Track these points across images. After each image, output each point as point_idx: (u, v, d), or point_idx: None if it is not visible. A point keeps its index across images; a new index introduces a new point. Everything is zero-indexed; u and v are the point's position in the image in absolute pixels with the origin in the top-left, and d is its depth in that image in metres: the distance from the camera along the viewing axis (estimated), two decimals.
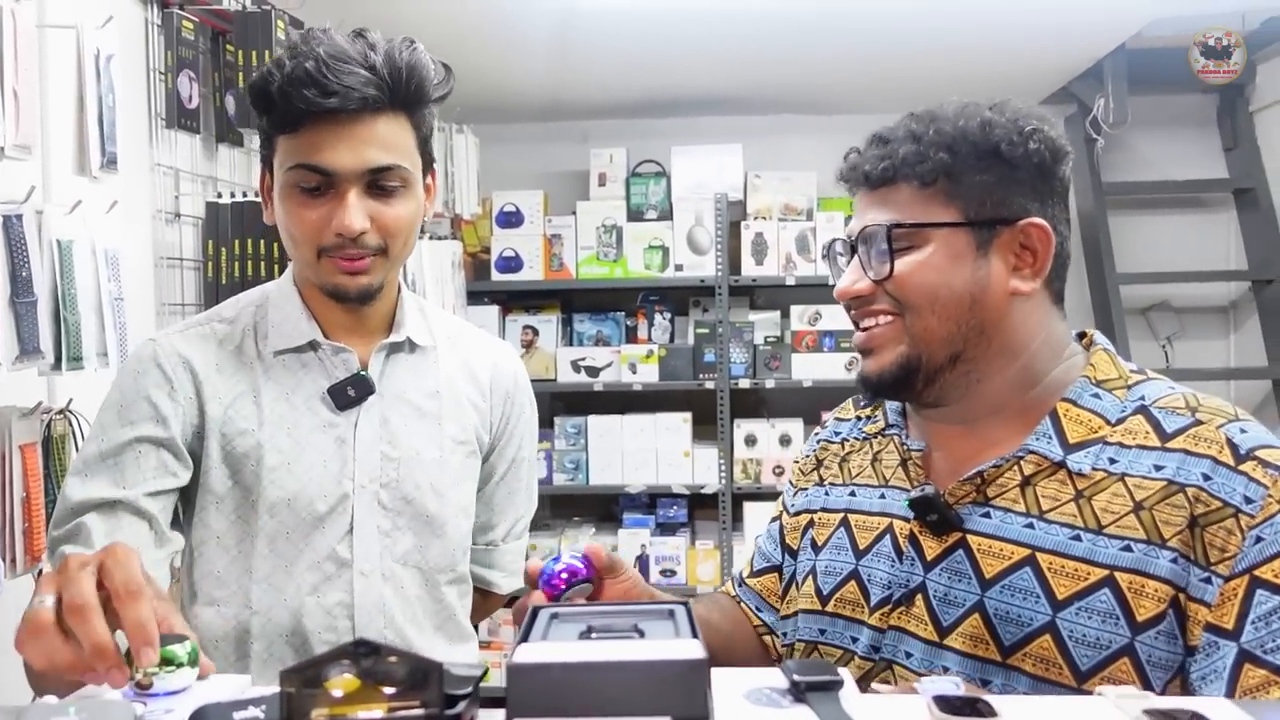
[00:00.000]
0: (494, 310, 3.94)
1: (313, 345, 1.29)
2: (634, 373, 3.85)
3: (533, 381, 4.49)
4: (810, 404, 3.91)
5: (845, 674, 0.83)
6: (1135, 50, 3.40)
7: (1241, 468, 0.97)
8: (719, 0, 2.84)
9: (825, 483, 1.26)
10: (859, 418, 1.28)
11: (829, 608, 1.16)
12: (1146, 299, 4.07)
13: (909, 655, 1.07)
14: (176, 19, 2.16)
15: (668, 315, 4.02)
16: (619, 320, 4.04)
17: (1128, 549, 0.98)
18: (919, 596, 1.08)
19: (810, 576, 1.20)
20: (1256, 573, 0.93)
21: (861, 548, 1.15)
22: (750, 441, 3.81)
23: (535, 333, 3.98)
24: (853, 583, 1.15)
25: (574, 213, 3.91)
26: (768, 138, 4.10)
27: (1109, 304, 3.81)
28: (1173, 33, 3.16)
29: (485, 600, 1.49)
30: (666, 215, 3.90)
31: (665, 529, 3.92)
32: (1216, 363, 4.10)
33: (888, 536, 1.13)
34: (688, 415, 3.86)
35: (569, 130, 4.21)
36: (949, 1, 2.89)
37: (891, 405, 1.22)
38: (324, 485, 1.27)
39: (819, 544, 1.20)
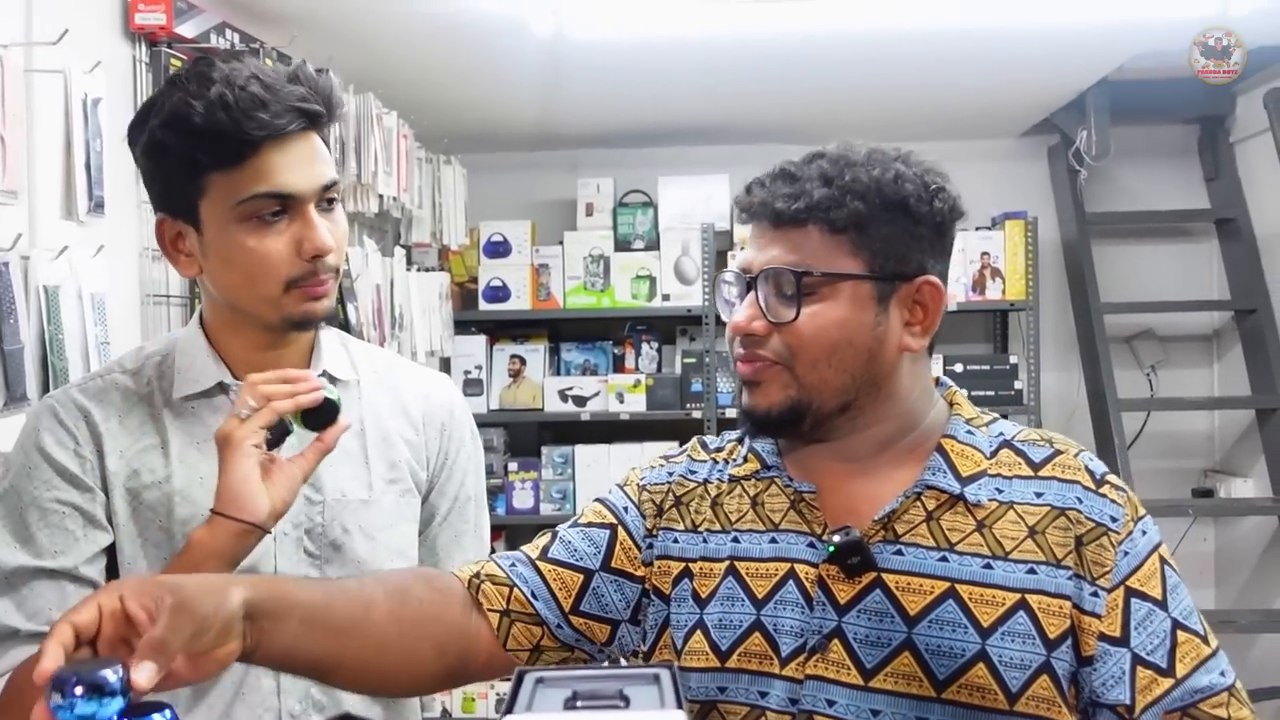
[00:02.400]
0: (481, 340, 3.95)
1: (221, 387, 1.24)
2: (621, 402, 3.85)
3: (520, 411, 4.44)
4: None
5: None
6: (1118, 82, 3.44)
7: (1101, 491, 1.07)
8: (704, 31, 2.86)
9: (700, 529, 1.16)
10: (715, 461, 1.21)
11: (730, 663, 1.09)
12: (1131, 328, 4.10)
13: (831, 703, 1.04)
14: (165, 57, 2.17)
15: (655, 345, 4.03)
16: (606, 350, 4.05)
17: (1032, 571, 1.04)
18: (835, 641, 1.05)
19: (699, 630, 1.12)
20: (1128, 584, 1.04)
21: (760, 596, 1.09)
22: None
23: (523, 362, 3.98)
24: (756, 634, 1.09)
25: (561, 243, 3.93)
26: (754, 167, 3.99)
27: (1093, 333, 3.84)
28: (1155, 65, 3.19)
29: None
30: (654, 245, 3.92)
31: None
32: (1201, 391, 4.13)
33: (790, 582, 1.08)
34: (675, 444, 3.85)
35: (557, 160, 4.23)
36: (933, 33, 2.92)
37: (764, 447, 1.16)
38: None
39: (704, 596, 1.12)
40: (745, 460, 1.17)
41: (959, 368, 3.81)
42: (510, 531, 4.10)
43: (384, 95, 2.86)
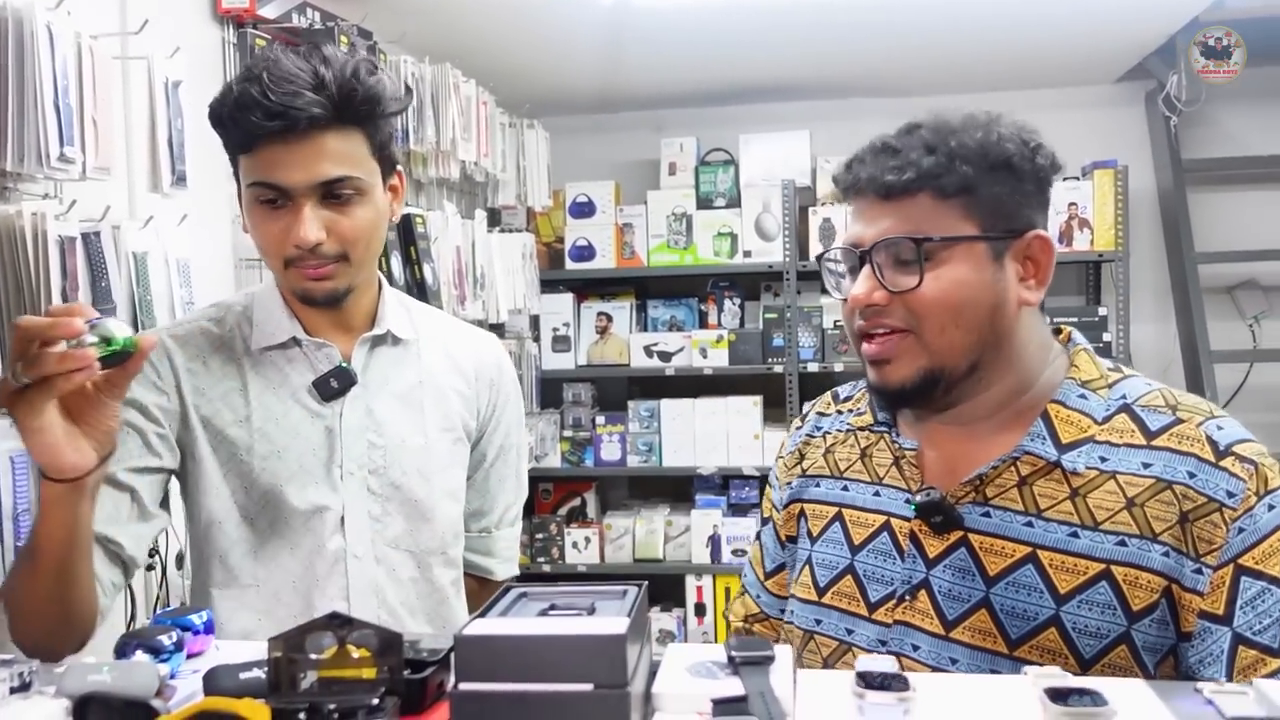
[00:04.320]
0: (569, 298, 4.08)
1: (295, 341, 1.36)
2: (705, 357, 3.93)
3: (608, 366, 4.58)
4: None
5: (781, 650, 0.92)
6: (1209, 23, 3.32)
7: (1222, 464, 1.04)
8: None
9: (808, 473, 1.28)
10: (840, 411, 1.31)
11: (825, 600, 1.20)
12: (1232, 277, 3.97)
13: (916, 648, 1.11)
14: (250, 37, 2.33)
15: (737, 300, 4.09)
16: (692, 306, 4.13)
17: (1122, 544, 1.04)
18: (923, 592, 1.12)
19: (807, 566, 1.24)
20: (1240, 561, 1.01)
21: (856, 543, 1.19)
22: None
23: (609, 319, 4.10)
24: (849, 578, 1.18)
25: (645, 202, 4.02)
26: (835, 122, 4.12)
27: (1187, 283, 3.74)
28: (1248, 3, 3.08)
29: (483, 587, 1.54)
30: (735, 203, 3.97)
31: (737, 510, 4.00)
32: None
33: (885, 534, 1.16)
34: (758, 399, 3.93)
35: (639, 120, 4.30)
36: None
37: (880, 402, 1.23)
38: (314, 473, 1.33)
39: (814, 535, 1.24)
40: (864, 412, 1.26)
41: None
42: (600, 482, 4.25)
43: (462, 64, 2.97)
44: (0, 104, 1.46)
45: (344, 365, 1.36)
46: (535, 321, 4.03)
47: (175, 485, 1.38)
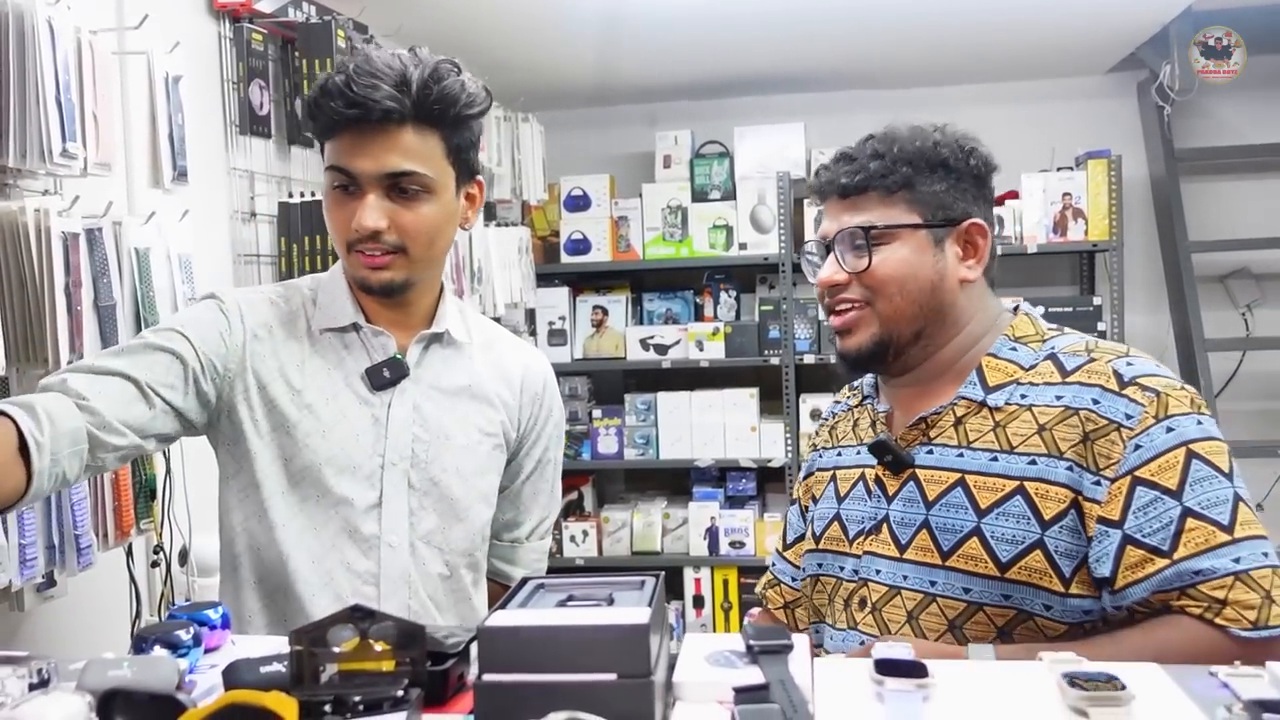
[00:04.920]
0: (564, 291, 4.07)
1: (355, 327, 1.40)
2: (701, 350, 3.94)
3: (603, 360, 4.58)
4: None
5: (799, 639, 0.93)
6: (1201, 13, 3.33)
7: (1124, 392, 1.20)
8: None
9: (819, 449, 1.51)
10: (847, 396, 1.53)
11: (821, 545, 1.41)
12: (1225, 266, 3.99)
13: (878, 572, 1.31)
14: (246, 31, 2.32)
15: (733, 293, 4.10)
16: (687, 299, 4.14)
17: (1033, 463, 1.22)
18: (884, 525, 1.32)
19: (812, 523, 1.44)
20: (1137, 473, 1.16)
21: (842, 495, 1.40)
22: (816, 416, 3.87)
23: (605, 312, 4.10)
24: (835, 523, 1.39)
25: (640, 195, 4.01)
26: (830, 115, 4.12)
27: (1180, 273, 3.76)
28: None
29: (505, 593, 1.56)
30: (730, 195, 3.97)
31: (735, 502, 4.01)
32: None
33: (861, 482, 1.38)
34: (754, 391, 3.93)
35: (634, 114, 4.30)
36: None
37: (867, 381, 1.47)
38: (355, 457, 1.36)
39: (817, 497, 1.45)
40: (859, 395, 1.48)
41: (1041, 310, 3.77)
42: (596, 476, 4.25)
43: (458, 58, 2.96)
44: (2, 99, 1.46)
45: (398, 356, 1.40)
46: (531, 315, 4.03)
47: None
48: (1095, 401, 1.20)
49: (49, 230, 1.47)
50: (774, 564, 1.56)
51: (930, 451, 1.30)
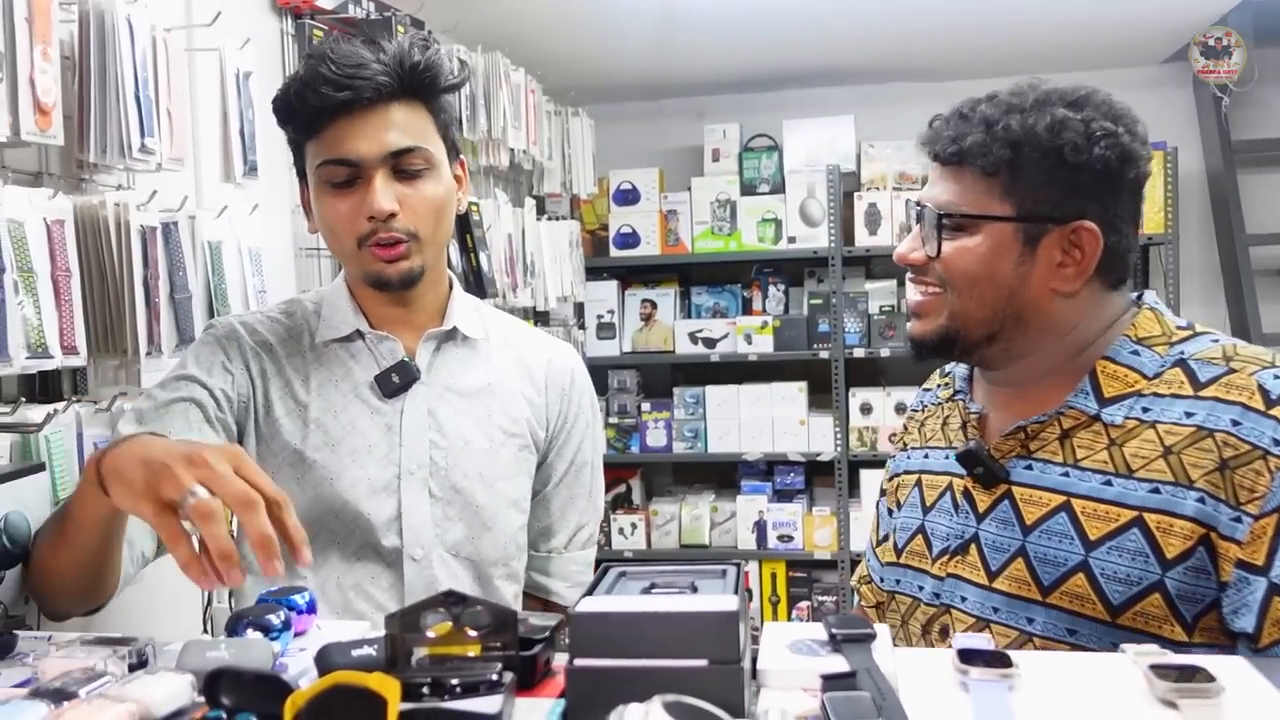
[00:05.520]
0: (613, 285, 4.09)
1: (359, 334, 1.35)
2: (749, 343, 3.94)
3: (652, 353, 4.57)
4: (926, 372, 3.90)
5: (880, 628, 0.93)
6: (1261, 3, 3.28)
7: (1271, 412, 1.02)
8: None
9: (907, 448, 1.36)
10: (940, 385, 1.37)
11: (902, 560, 1.27)
12: None
13: (964, 599, 1.16)
14: (308, 28, 2.35)
15: (782, 287, 4.09)
16: (735, 292, 4.14)
17: (1155, 491, 1.04)
18: (973, 545, 1.17)
19: (893, 532, 1.30)
20: None
21: (928, 504, 1.25)
22: (865, 410, 3.86)
23: (654, 306, 4.11)
24: (919, 537, 1.24)
25: (689, 188, 4.02)
26: (880, 107, 4.10)
27: (1237, 266, 3.71)
28: None
29: (546, 610, 1.43)
30: (779, 188, 3.97)
31: (782, 496, 4.01)
32: None
33: (948, 493, 1.22)
34: (803, 384, 3.93)
35: (683, 107, 4.30)
36: None
37: (959, 372, 1.30)
38: (368, 470, 1.30)
39: (901, 503, 1.31)
40: (951, 386, 1.32)
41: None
42: (645, 469, 4.27)
43: (511, 53, 2.99)
44: (84, 96, 1.49)
45: (406, 360, 1.34)
46: (580, 309, 4.05)
47: None
48: (1236, 422, 1.02)
49: (128, 224, 1.50)
50: (868, 559, 1.42)
51: (1029, 467, 1.14)
